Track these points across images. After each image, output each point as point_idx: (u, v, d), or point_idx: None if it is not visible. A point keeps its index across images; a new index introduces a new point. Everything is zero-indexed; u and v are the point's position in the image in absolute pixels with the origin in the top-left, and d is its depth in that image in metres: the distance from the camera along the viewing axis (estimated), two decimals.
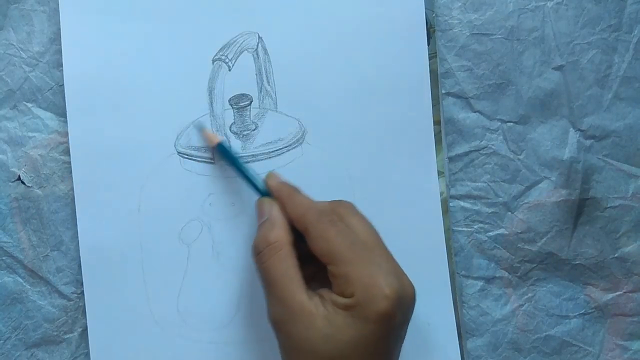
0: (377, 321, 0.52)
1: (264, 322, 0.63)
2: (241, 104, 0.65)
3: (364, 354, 0.53)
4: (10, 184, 0.65)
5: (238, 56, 0.64)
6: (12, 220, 0.65)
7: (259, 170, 0.63)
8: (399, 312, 0.53)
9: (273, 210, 0.59)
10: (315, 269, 0.56)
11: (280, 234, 0.57)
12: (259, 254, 0.57)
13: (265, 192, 0.61)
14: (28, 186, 0.65)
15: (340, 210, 0.58)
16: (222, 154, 0.63)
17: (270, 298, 0.56)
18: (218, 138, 0.63)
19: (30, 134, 0.65)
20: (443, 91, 0.66)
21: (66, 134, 0.64)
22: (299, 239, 0.57)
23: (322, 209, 0.57)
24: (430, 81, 0.66)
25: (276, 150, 0.65)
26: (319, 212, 0.57)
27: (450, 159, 0.67)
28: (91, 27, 0.64)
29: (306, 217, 0.57)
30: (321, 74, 0.65)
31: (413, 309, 0.56)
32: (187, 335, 0.64)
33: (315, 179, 0.64)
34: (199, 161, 0.64)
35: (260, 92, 0.65)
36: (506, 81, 0.66)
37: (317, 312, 0.53)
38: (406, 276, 0.56)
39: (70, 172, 0.64)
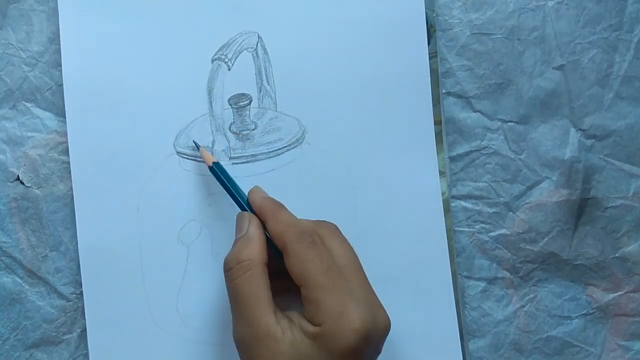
0: (343, 355, 0.51)
1: None
2: (241, 104, 0.64)
3: None
4: (9, 184, 0.65)
5: (237, 56, 0.64)
6: (11, 220, 0.65)
7: (260, 169, 0.64)
8: (367, 346, 0.52)
9: (251, 226, 0.57)
10: (292, 285, 0.55)
11: (252, 252, 0.55)
12: (229, 270, 0.55)
13: (248, 207, 0.60)
14: (27, 186, 0.65)
15: (322, 232, 0.57)
16: (214, 173, 0.62)
17: (236, 316, 0.55)
18: (214, 159, 0.62)
19: (29, 134, 0.65)
20: (444, 91, 0.66)
21: (65, 134, 0.64)
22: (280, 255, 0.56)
23: (303, 228, 0.56)
24: (431, 81, 0.66)
25: (276, 150, 0.65)
26: (300, 232, 0.55)
27: (451, 159, 0.66)
28: (90, 27, 0.64)
29: (285, 236, 0.55)
30: (321, 73, 0.65)
31: (384, 341, 0.55)
32: (186, 336, 0.64)
33: (315, 179, 0.64)
34: (198, 161, 0.64)
35: (260, 91, 0.65)
36: (507, 81, 0.66)
37: (282, 336, 0.52)
38: (381, 308, 0.55)
39: (69, 172, 0.64)
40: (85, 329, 0.64)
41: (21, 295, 0.65)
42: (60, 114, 0.65)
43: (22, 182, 0.65)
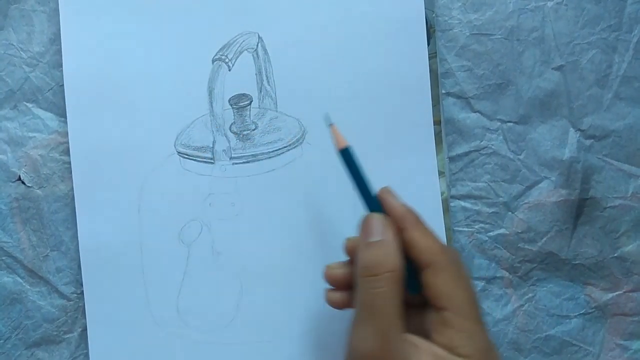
0: None
1: (264, 323, 0.64)
2: (241, 104, 0.65)
3: None
4: (10, 184, 0.65)
5: (238, 56, 0.65)
6: (12, 220, 0.65)
7: (260, 169, 0.64)
8: None
9: (388, 232, 0.52)
10: None
11: (399, 263, 0.50)
12: (372, 276, 0.50)
13: (378, 209, 0.54)
14: (28, 186, 0.65)
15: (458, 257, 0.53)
16: (343, 160, 0.56)
17: (368, 327, 0.49)
18: (346, 142, 0.56)
19: (30, 134, 0.65)
20: (443, 91, 0.66)
21: (66, 134, 0.64)
22: None
23: (448, 247, 0.52)
24: (431, 81, 0.66)
25: (276, 150, 0.65)
26: (447, 249, 0.52)
27: (451, 159, 0.67)
28: (91, 27, 0.64)
29: (436, 250, 0.51)
30: (321, 74, 0.65)
31: None
32: (186, 336, 0.64)
33: (315, 179, 0.64)
34: (198, 161, 0.64)
35: (260, 92, 0.65)
36: (506, 81, 0.66)
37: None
38: None
39: (70, 173, 0.64)
40: (86, 329, 0.64)
41: (22, 295, 0.65)
42: (61, 114, 0.65)
43: (23, 182, 0.65)
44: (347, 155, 0.56)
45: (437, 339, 0.49)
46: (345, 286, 0.56)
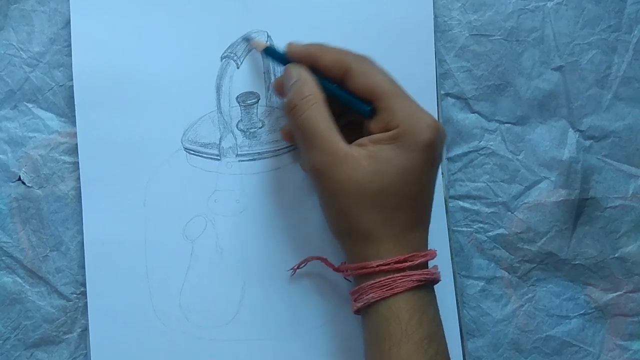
0: (422, 149, 0.55)
1: (266, 320, 0.63)
2: (248, 102, 0.65)
3: (409, 184, 0.55)
4: (10, 184, 0.65)
5: (247, 54, 0.65)
6: (12, 220, 0.65)
7: (266, 167, 0.65)
8: (439, 142, 0.56)
9: (302, 71, 0.59)
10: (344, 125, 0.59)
11: (313, 88, 0.58)
12: (294, 108, 0.58)
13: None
14: (28, 186, 0.65)
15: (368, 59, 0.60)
16: (268, 56, 0.64)
17: (311, 148, 0.57)
18: (265, 44, 0.64)
19: (30, 134, 0.65)
20: (442, 92, 0.67)
21: (66, 134, 0.65)
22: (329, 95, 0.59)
23: (356, 53, 0.59)
24: None
25: (283, 148, 0.65)
26: (355, 55, 0.59)
27: (450, 160, 0.67)
28: (100, 23, 0.65)
29: (345, 59, 0.58)
30: None
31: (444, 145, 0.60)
32: (188, 332, 0.64)
33: None
34: (205, 157, 0.64)
35: (268, 90, 0.65)
36: (505, 82, 0.67)
37: (360, 155, 0.55)
38: None
39: (71, 172, 0.65)
40: (86, 329, 0.64)
41: (22, 295, 0.65)
42: (61, 114, 0.65)
43: (23, 182, 0.65)
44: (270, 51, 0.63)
45: (375, 126, 0.57)
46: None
